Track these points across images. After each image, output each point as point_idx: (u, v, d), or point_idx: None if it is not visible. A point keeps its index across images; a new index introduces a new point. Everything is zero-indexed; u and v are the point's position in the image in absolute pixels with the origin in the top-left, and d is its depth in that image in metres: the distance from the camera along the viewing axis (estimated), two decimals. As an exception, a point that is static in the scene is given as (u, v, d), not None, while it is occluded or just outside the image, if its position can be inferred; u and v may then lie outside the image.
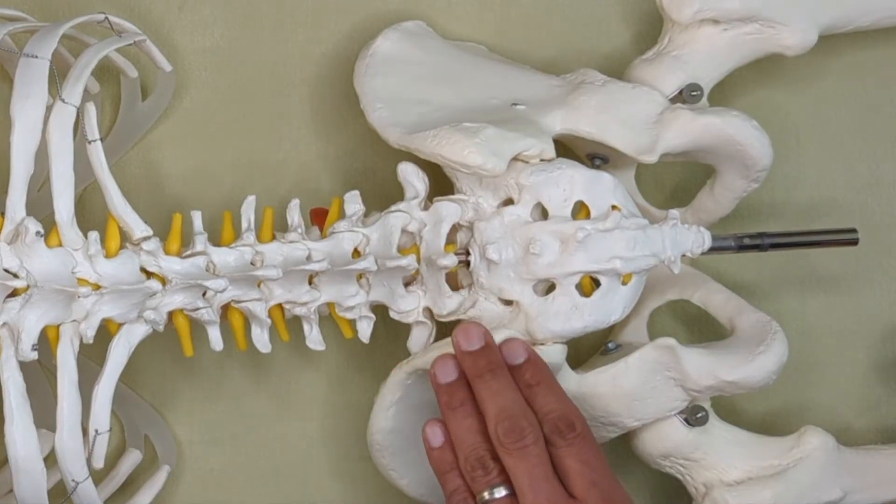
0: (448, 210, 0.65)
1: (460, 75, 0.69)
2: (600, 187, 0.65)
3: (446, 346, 0.64)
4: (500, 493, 0.60)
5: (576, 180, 0.64)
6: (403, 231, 0.66)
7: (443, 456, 0.62)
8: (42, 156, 0.62)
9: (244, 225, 0.65)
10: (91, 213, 0.72)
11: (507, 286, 0.65)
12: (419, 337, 0.67)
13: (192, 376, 0.74)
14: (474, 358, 0.62)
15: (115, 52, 0.69)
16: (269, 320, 0.66)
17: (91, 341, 0.62)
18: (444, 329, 0.67)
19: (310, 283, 0.66)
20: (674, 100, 0.69)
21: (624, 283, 0.65)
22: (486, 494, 0.60)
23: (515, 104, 0.67)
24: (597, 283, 0.65)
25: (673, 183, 0.76)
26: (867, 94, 0.77)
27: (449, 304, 0.66)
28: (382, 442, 0.68)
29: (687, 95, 0.69)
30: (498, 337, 0.64)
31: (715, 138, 0.67)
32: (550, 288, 0.65)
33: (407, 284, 0.67)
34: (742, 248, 0.68)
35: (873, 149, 0.77)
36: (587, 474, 0.59)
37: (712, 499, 0.69)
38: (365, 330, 0.67)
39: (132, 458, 0.72)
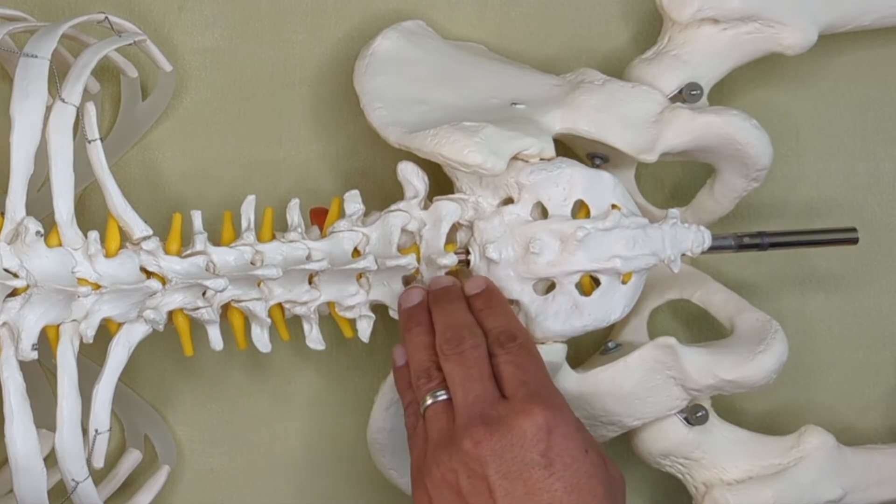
0: (448, 209, 0.65)
1: (460, 75, 0.69)
2: (600, 186, 0.65)
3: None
4: (441, 396, 0.61)
5: (575, 179, 0.64)
6: (403, 230, 0.66)
7: (403, 373, 0.64)
8: (42, 156, 0.62)
9: (244, 224, 0.65)
10: (91, 213, 0.72)
11: (506, 285, 0.65)
12: (419, 336, 0.67)
13: (192, 376, 0.74)
14: (437, 291, 0.65)
15: (115, 52, 0.69)
16: (268, 320, 0.66)
17: (91, 341, 0.62)
18: (443, 328, 0.67)
19: (310, 282, 0.66)
20: (673, 99, 0.69)
21: (624, 283, 0.65)
22: (428, 399, 0.61)
23: (515, 103, 0.67)
24: (597, 283, 0.65)
25: (673, 182, 0.76)
26: (867, 94, 0.77)
27: (449, 303, 0.66)
28: (382, 442, 0.68)
29: (686, 95, 0.69)
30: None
31: (715, 137, 0.67)
32: (550, 287, 0.65)
33: (407, 284, 0.66)
34: (742, 247, 0.68)
35: (873, 148, 0.77)
36: (519, 376, 0.60)
37: (712, 498, 0.69)
38: (365, 329, 0.67)
39: (132, 458, 0.72)
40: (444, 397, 0.61)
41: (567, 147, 0.71)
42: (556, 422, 0.58)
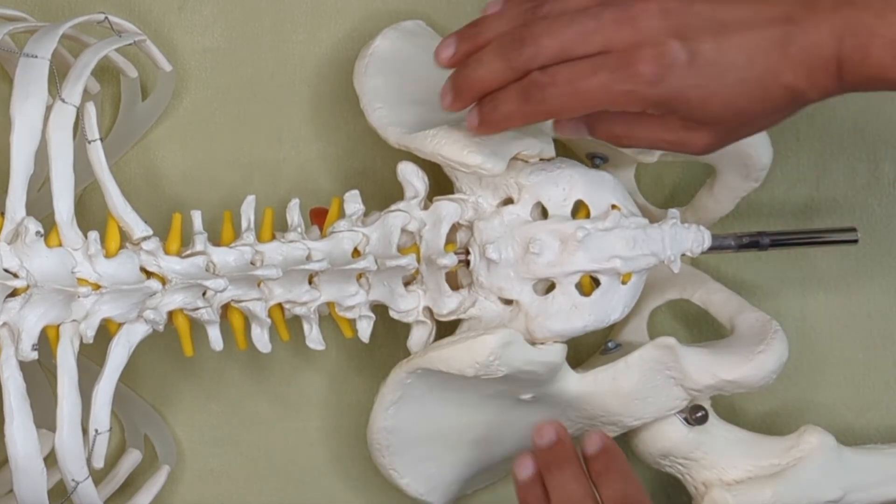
0: (448, 209, 0.65)
1: (460, 75, 0.69)
2: (600, 187, 0.65)
3: (447, 345, 0.64)
4: None
5: (575, 180, 0.64)
6: (403, 230, 0.66)
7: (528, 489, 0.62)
8: (42, 156, 0.62)
9: (244, 224, 0.65)
10: (91, 213, 0.72)
11: (506, 285, 0.65)
12: (419, 336, 0.67)
13: (192, 376, 0.74)
14: (546, 453, 0.63)
15: (115, 52, 0.69)
16: (268, 320, 0.66)
17: (91, 341, 0.62)
18: (443, 329, 0.67)
19: (310, 282, 0.66)
20: (673, 99, 0.69)
21: (624, 283, 0.65)
22: None
23: (515, 103, 0.67)
24: (596, 283, 0.65)
25: (673, 182, 0.76)
26: (867, 94, 0.76)
27: (449, 303, 0.66)
28: (382, 441, 0.68)
29: (687, 95, 0.69)
30: (496, 336, 0.63)
31: (715, 137, 0.67)
32: (550, 287, 0.65)
33: (407, 284, 0.66)
34: (742, 247, 0.68)
35: (873, 148, 0.77)
36: None
37: (712, 498, 0.68)
38: (365, 329, 0.67)
39: (132, 458, 0.72)
40: None
41: (567, 147, 0.71)
42: None
